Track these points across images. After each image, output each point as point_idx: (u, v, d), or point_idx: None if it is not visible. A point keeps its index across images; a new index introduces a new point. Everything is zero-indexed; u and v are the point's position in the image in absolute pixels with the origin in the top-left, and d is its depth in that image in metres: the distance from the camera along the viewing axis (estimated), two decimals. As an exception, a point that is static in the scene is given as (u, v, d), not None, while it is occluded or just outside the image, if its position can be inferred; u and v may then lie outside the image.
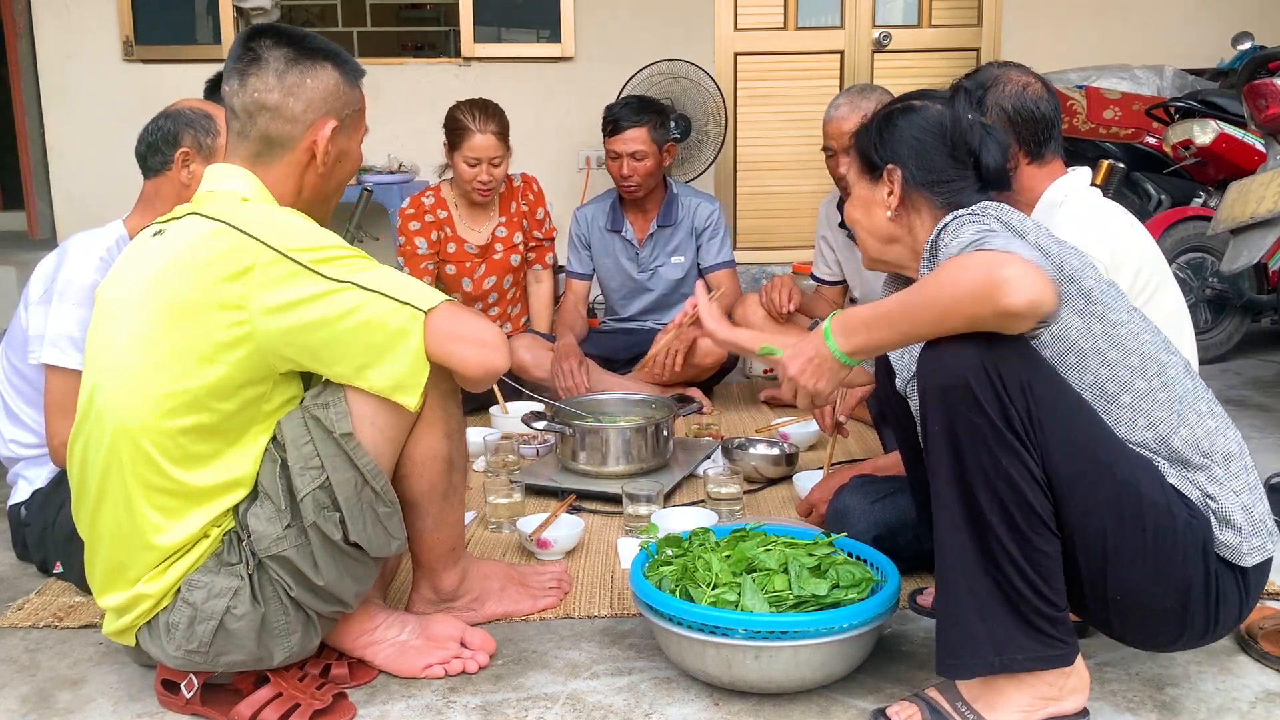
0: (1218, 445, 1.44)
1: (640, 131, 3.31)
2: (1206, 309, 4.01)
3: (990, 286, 1.28)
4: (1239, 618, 1.47)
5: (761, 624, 1.49)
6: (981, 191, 1.60)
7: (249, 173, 1.60)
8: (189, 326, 1.45)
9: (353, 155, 1.69)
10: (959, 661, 1.42)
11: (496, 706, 1.58)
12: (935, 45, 5.20)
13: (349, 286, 1.46)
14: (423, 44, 7.46)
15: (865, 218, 1.67)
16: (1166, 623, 1.43)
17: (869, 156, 1.64)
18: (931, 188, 1.59)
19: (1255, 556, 1.42)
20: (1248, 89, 3.52)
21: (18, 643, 1.83)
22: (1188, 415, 1.43)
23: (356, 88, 1.67)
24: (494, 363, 1.53)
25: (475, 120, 3.17)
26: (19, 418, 2.10)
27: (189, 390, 1.45)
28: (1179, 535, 1.38)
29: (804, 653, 1.50)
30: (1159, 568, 1.38)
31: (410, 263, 3.34)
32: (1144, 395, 1.42)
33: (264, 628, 1.51)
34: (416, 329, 1.47)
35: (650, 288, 3.53)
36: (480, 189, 3.25)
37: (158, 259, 1.51)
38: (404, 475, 1.62)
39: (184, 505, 1.49)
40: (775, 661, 1.50)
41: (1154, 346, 1.46)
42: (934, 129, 1.59)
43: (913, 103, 1.64)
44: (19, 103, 5.72)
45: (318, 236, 1.50)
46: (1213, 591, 1.40)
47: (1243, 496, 1.42)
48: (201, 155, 2.05)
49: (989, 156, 1.58)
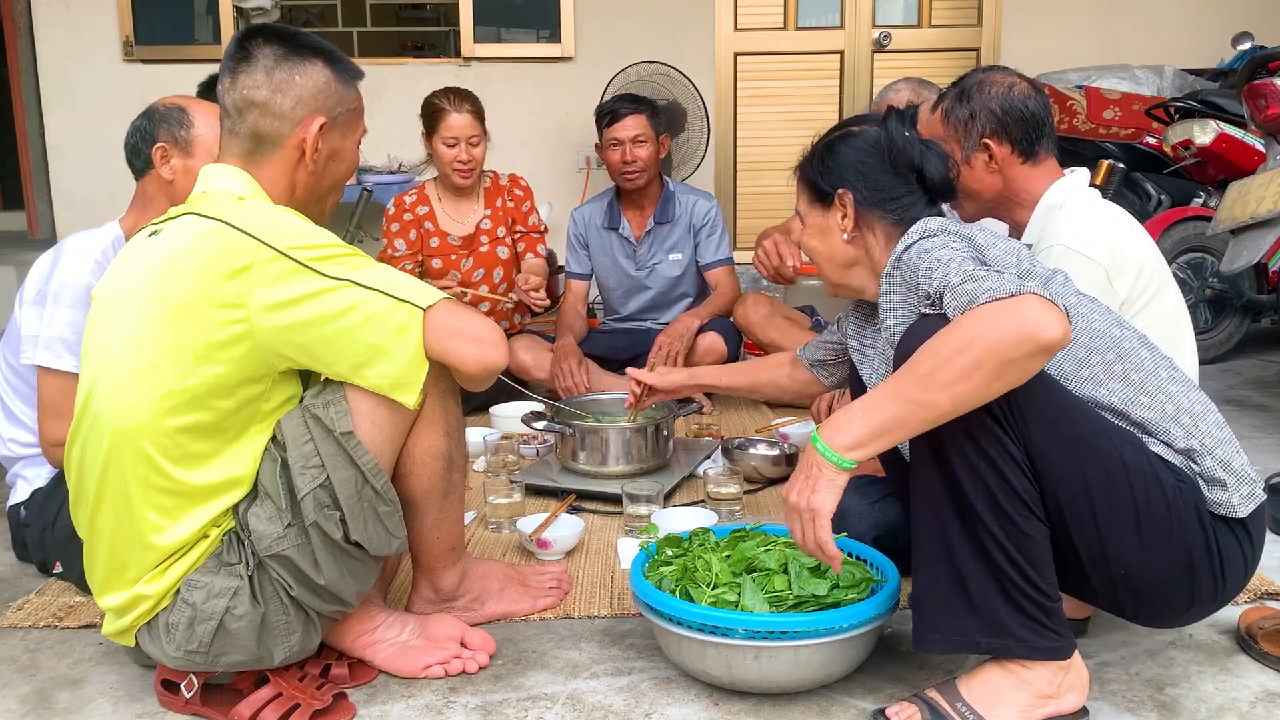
0: (1183, 406, 1.46)
1: (639, 118, 3.36)
2: (1206, 309, 4.01)
3: (1026, 329, 1.24)
4: (1247, 573, 1.47)
5: (761, 624, 1.49)
6: (930, 204, 1.66)
7: (243, 171, 1.60)
8: (187, 325, 1.44)
9: (347, 155, 1.68)
10: (940, 635, 1.43)
11: (496, 706, 1.58)
12: (935, 45, 5.21)
13: (347, 284, 1.46)
14: (423, 44, 7.47)
15: (823, 245, 1.73)
16: (1175, 592, 1.44)
17: (817, 185, 1.71)
18: (883, 206, 1.66)
19: (1248, 505, 1.43)
20: (1248, 89, 3.52)
21: (18, 643, 1.83)
22: (1147, 383, 1.46)
23: (351, 87, 1.66)
24: (492, 359, 1.53)
25: (450, 101, 3.26)
26: (18, 417, 2.10)
27: (188, 389, 1.45)
28: (1170, 501, 1.39)
29: (804, 653, 1.50)
30: (1156, 537, 1.39)
31: (388, 264, 3.35)
32: (1101, 368, 1.46)
33: (264, 628, 1.51)
34: (415, 326, 1.47)
35: (648, 285, 3.54)
36: (460, 170, 3.29)
37: (154, 258, 1.50)
38: (403, 474, 1.62)
39: (183, 505, 1.49)
40: (775, 662, 1.50)
41: (1104, 324, 1.50)
42: (873, 149, 1.66)
43: (850, 129, 1.72)
44: (19, 103, 5.72)
45: (315, 235, 1.50)
46: (1214, 551, 1.42)
47: (1220, 451, 1.44)
48: (178, 149, 2.05)
49: (931, 169, 1.65)
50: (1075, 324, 1.46)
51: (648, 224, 3.48)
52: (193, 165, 2.05)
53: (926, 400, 1.29)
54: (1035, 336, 1.24)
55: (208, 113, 2.08)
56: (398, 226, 3.38)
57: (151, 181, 2.09)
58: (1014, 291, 1.27)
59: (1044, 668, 1.42)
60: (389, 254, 3.39)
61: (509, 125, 4.75)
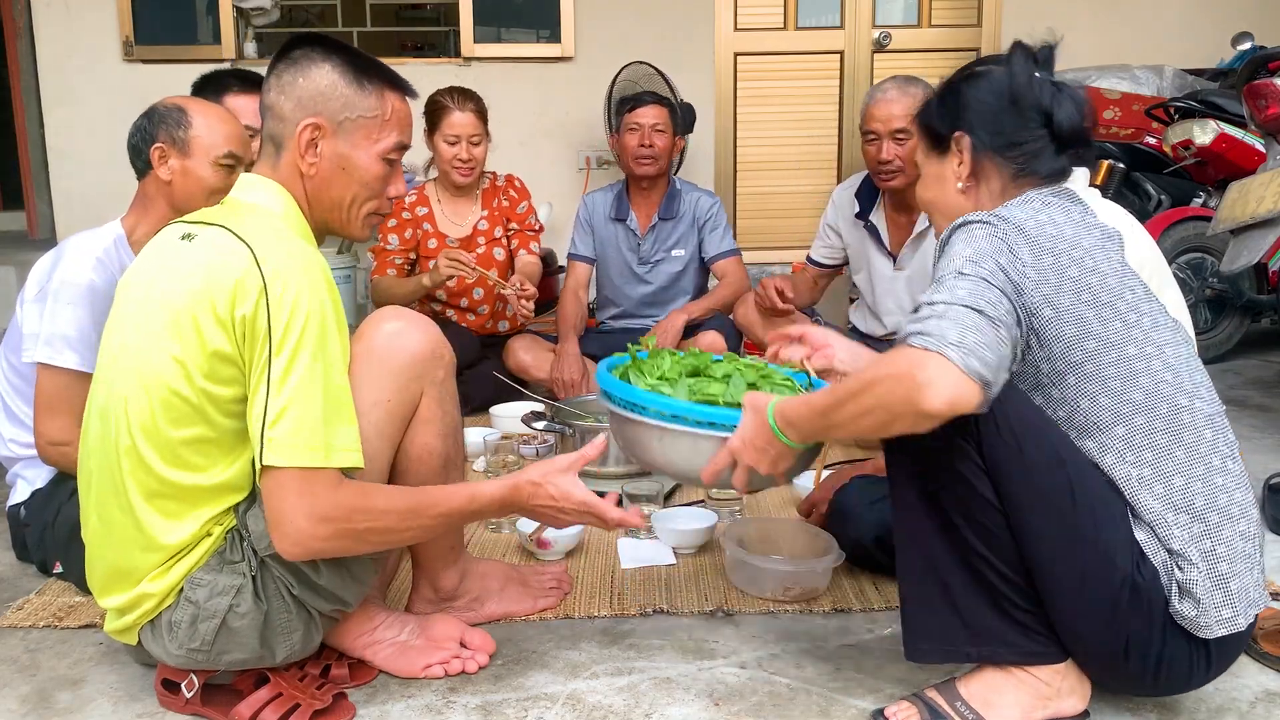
0: (1217, 503, 1.35)
1: (661, 109, 3.40)
2: (1206, 309, 4.01)
3: (910, 391, 1.22)
4: (1190, 683, 1.43)
5: (668, 407, 1.57)
6: (1059, 154, 1.49)
7: (276, 185, 1.57)
8: (194, 342, 1.43)
9: (359, 165, 1.57)
10: (931, 645, 1.43)
11: (496, 706, 1.58)
12: (935, 45, 5.20)
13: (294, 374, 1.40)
14: (423, 44, 7.47)
15: (939, 195, 1.58)
16: (1107, 666, 1.41)
17: (934, 129, 1.57)
18: (1003, 152, 1.49)
19: (1220, 629, 1.34)
20: (1248, 89, 3.52)
21: (18, 643, 1.83)
22: (1194, 466, 1.36)
23: (368, 94, 1.57)
24: (285, 549, 1.43)
25: (453, 99, 3.28)
26: (18, 417, 2.10)
27: (188, 401, 1.44)
28: (1117, 580, 1.33)
29: (702, 443, 1.55)
30: (1096, 610, 1.35)
31: (379, 257, 3.42)
32: (1138, 431, 1.36)
33: (266, 626, 1.51)
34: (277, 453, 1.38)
35: (649, 280, 3.54)
36: (461, 168, 3.30)
37: (180, 268, 1.48)
38: (400, 472, 1.63)
39: (185, 508, 1.48)
40: (676, 446, 1.58)
41: (1171, 388, 1.37)
42: (999, 91, 1.50)
43: (975, 69, 1.57)
44: (19, 103, 5.72)
45: (312, 315, 1.42)
46: (1155, 654, 1.36)
47: (1223, 566, 1.34)
48: (176, 149, 2.04)
49: (1063, 114, 1.47)
50: (1135, 379, 1.35)
51: (653, 219, 3.49)
52: (190, 166, 2.04)
53: (838, 426, 1.36)
54: (917, 404, 1.21)
55: (208, 113, 2.07)
56: (394, 223, 3.40)
57: (151, 182, 2.09)
58: (932, 347, 1.21)
59: (1042, 668, 1.42)
60: (380, 246, 3.39)
61: (509, 125, 4.74)
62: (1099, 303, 1.37)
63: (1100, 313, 1.36)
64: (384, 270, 3.39)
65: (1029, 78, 1.49)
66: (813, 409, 1.38)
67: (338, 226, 1.63)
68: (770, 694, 1.60)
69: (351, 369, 1.55)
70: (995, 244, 1.35)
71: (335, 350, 1.45)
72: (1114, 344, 1.36)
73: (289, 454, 1.39)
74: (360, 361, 1.56)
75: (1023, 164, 1.49)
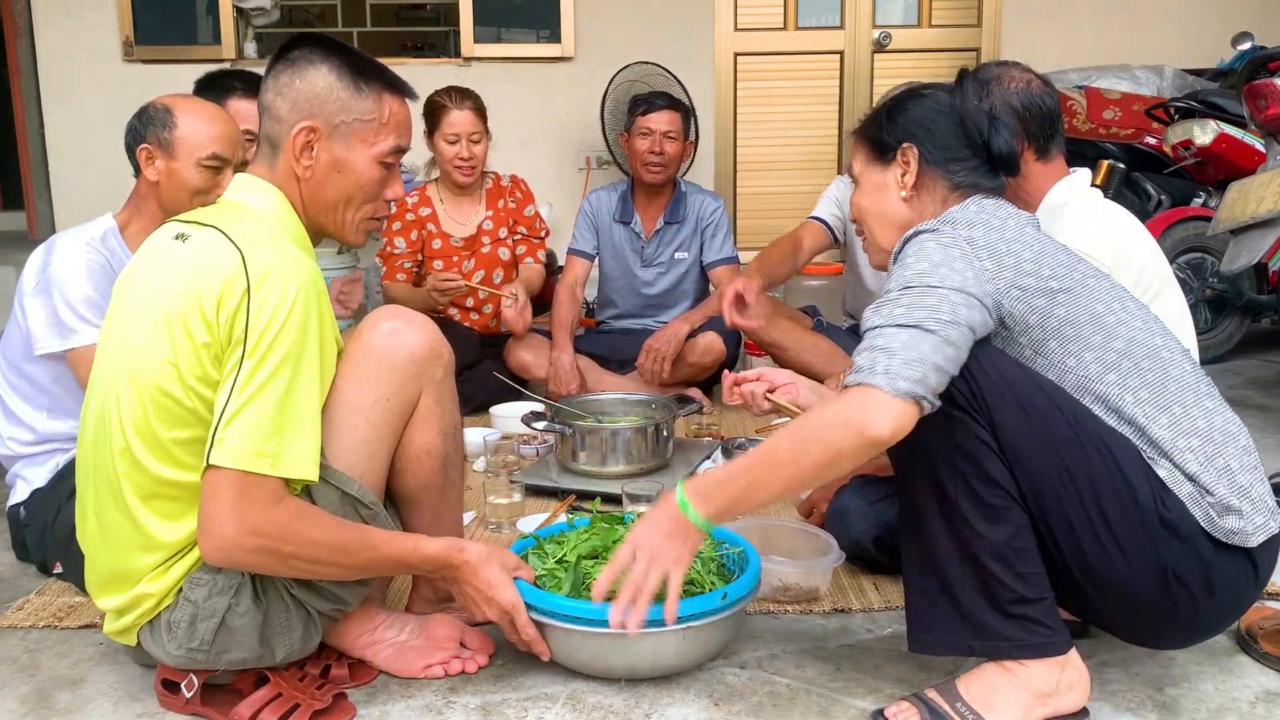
0: (1216, 425, 1.44)
1: (675, 114, 3.38)
2: (1206, 309, 4.01)
3: (858, 431, 1.31)
4: (1240, 602, 1.46)
5: (559, 607, 1.57)
6: (993, 175, 1.61)
7: (271, 187, 1.56)
8: (184, 342, 1.43)
9: (354, 169, 1.57)
10: (934, 637, 1.46)
11: (496, 706, 1.58)
12: (935, 45, 5.21)
13: (264, 379, 1.39)
14: (423, 44, 7.47)
15: (877, 204, 1.66)
16: (1151, 610, 1.42)
17: (880, 140, 1.65)
18: (946, 166, 1.59)
19: (1260, 535, 1.41)
20: (1248, 89, 3.52)
21: (18, 643, 1.83)
22: (1184, 395, 1.44)
23: (365, 97, 1.56)
24: (208, 553, 1.42)
25: (452, 98, 3.29)
26: (17, 416, 2.10)
27: (180, 402, 1.44)
28: (1145, 518, 1.37)
29: (575, 639, 1.57)
30: (1128, 551, 1.38)
31: (387, 262, 3.42)
32: (1129, 373, 1.44)
33: (266, 625, 1.51)
34: (224, 455, 1.37)
35: (651, 283, 3.53)
36: (462, 167, 3.31)
37: (172, 268, 1.48)
38: (399, 470, 1.63)
39: (182, 507, 1.48)
40: (583, 645, 1.59)
41: (1144, 333, 1.47)
42: (945, 110, 1.61)
43: (922, 90, 1.67)
44: (19, 103, 5.72)
45: (290, 323, 1.41)
46: (1201, 577, 1.39)
47: (1241, 477, 1.42)
48: (161, 150, 2.04)
49: (999, 142, 1.59)
50: (1112, 329, 1.45)
51: (658, 222, 3.48)
52: (176, 167, 2.04)
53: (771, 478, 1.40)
54: (865, 437, 1.31)
55: (197, 114, 2.06)
56: (399, 225, 3.39)
57: (143, 181, 2.09)
58: (863, 381, 1.32)
59: (1041, 666, 1.42)
60: (388, 250, 3.39)
61: (509, 125, 4.74)
62: (1057, 275, 1.46)
63: (1062, 283, 1.46)
64: (393, 275, 3.39)
65: (974, 106, 1.62)
66: (736, 468, 1.43)
67: (333, 230, 1.62)
68: (770, 694, 1.60)
69: (350, 367, 1.55)
70: (946, 250, 1.43)
71: (311, 362, 1.44)
72: (1083, 306, 1.46)
73: (234, 456, 1.37)
74: (359, 360, 1.56)
75: (964, 177, 1.60)
